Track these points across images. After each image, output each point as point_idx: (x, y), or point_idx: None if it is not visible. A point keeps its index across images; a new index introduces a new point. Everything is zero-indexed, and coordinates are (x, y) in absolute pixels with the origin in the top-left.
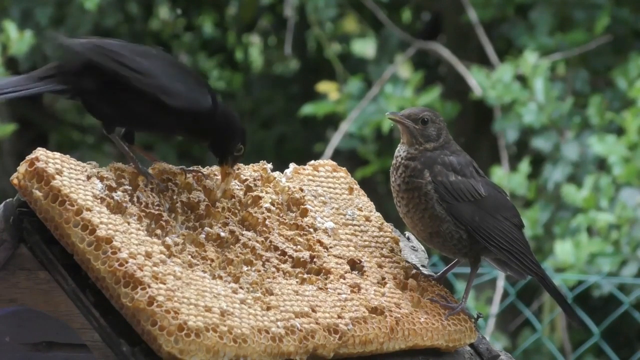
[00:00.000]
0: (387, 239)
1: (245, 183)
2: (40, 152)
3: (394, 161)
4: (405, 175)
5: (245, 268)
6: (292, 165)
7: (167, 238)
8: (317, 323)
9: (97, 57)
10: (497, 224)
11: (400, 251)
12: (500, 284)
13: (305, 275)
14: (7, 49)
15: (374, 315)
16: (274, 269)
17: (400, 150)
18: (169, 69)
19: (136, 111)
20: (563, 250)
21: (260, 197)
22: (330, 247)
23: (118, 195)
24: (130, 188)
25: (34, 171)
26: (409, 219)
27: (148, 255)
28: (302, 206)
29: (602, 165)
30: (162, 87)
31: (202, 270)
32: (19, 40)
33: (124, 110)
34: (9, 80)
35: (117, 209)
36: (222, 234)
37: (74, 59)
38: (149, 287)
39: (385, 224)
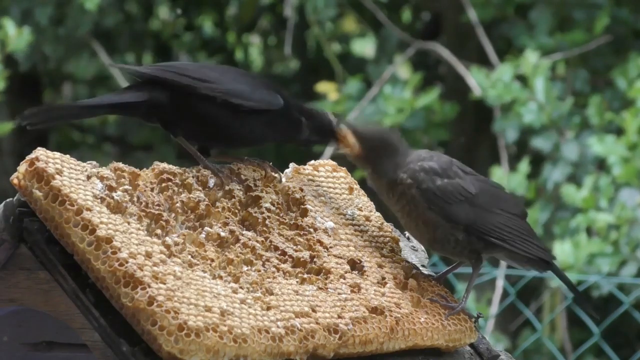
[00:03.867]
0: (387, 238)
1: (245, 183)
2: (40, 152)
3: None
4: (387, 191)
5: (245, 268)
6: (292, 165)
7: (167, 238)
8: (317, 323)
9: (162, 74)
10: (495, 218)
11: (400, 251)
12: (500, 283)
13: (305, 275)
14: (6, 46)
15: (374, 315)
16: (274, 269)
17: (368, 182)
18: (236, 76)
19: (212, 122)
20: (562, 251)
21: (260, 197)
22: (330, 247)
23: (118, 195)
24: (130, 188)
25: (34, 171)
26: (408, 229)
27: (148, 255)
28: (302, 206)
29: (601, 165)
30: (230, 91)
31: (202, 270)
32: (17, 37)
33: (201, 123)
34: (94, 98)
35: (117, 208)
36: (222, 234)
37: (142, 79)
38: (149, 287)
39: (385, 223)
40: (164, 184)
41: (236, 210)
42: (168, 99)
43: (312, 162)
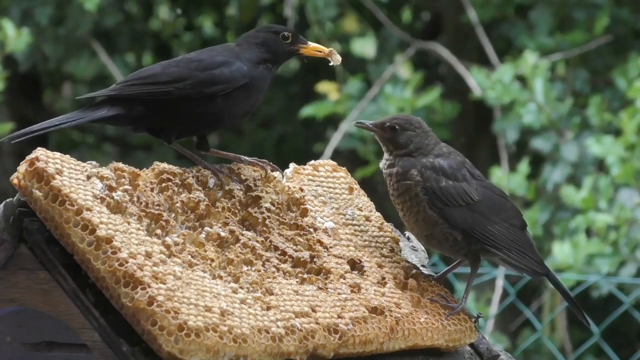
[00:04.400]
0: (387, 238)
1: (245, 183)
2: (40, 152)
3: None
4: (393, 182)
5: (245, 268)
6: (292, 165)
7: (167, 238)
8: (317, 323)
9: (131, 90)
10: (493, 227)
11: (400, 251)
12: (500, 283)
13: (305, 275)
14: (5, 47)
15: (374, 315)
16: (274, 269)
17: (382, 161)
18: (201, 61)
19: (198, 115)
20: (561, 251)
21: (260, 197)
22: (330, 247)
23: (118, 195)
24: (130, 188)
25: (34, 171)
26: (406, 222)
27: (148, 255)
28: (302, 206)
29: (601, 165)
30: (202, 81)
31: (202, 270)
32: (17, 38)
33: (189, 120)
34: (64, 115)
35: (117, 208)
36: (222, 234)
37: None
38: (149, 287)
39: (385, 223)
40: (164, 184)
41: (236, 210)
42: (144, 109)
43: (312, 162)
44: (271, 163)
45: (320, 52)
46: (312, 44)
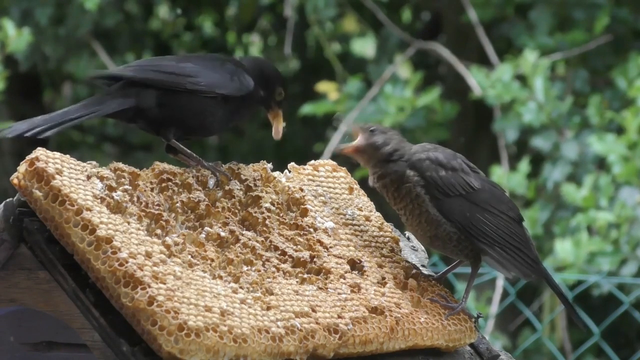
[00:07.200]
0: (387, 238)
1: (245, 183)
2: (40, 152)
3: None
4: (392, 191)
5: (245, 268)
6: (292, 165)
7: (167, 238)
8: (317, 323)
9: (152, 75)
10: (491, 218)
11: (400, 251)
12: (500, 283)
13: (305, 275)
14: (6, 47)
15: (374, 315)
16: (274, 269)
17: (370, 179)
18: (212, 65)
19: (197, 114)
20: (563, 249)
21: (260, 197)
22: (330, 247)
23: (118, 195)
24: (130, 188)
25: (34, 171)
26: (409, 225)
27: (148, 255)
28: (302, 206)
29: (601, 164)
30: (211, 83)
31: (202, 270)
32: (17, 37)
33: (187, 117)
34: (67, 109)
35: (117, 208)
36: (222, 234)
37: (124, 84)
38: (149, 287)
39: (385, 223)
40: (164, 184)
41: (236, 210)
42: (155, 99)
43: (312, 162)
44: (229, 174)
45: (277, 124)
46: (280, 116)
